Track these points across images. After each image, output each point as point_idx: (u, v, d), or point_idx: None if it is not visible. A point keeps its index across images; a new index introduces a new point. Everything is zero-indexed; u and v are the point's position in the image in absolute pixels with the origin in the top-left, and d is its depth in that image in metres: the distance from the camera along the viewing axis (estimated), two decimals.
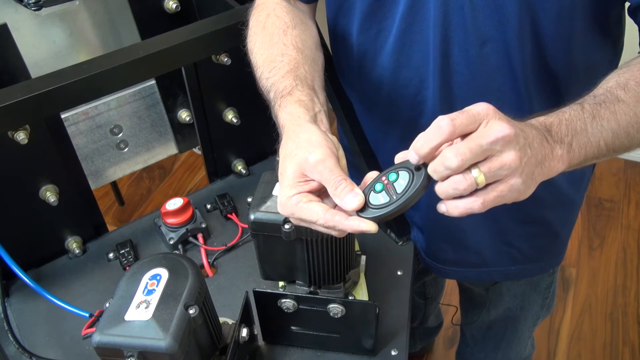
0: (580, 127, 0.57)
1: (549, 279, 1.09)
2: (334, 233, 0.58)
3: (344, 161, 0.60)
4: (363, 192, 0.56)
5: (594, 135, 0.58)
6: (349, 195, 0.55)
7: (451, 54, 0.71)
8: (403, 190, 0.54)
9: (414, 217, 0.98)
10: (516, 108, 0.75)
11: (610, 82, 0.62)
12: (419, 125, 0.82)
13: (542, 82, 0.75)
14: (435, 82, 0.75)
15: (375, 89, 0.83)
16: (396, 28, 0.73)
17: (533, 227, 0.94)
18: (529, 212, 0.91)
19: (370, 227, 0.54)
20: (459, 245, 0.97)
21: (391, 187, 0.55)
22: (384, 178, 0.56)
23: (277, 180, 0.73)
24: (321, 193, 0.58)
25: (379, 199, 0.55)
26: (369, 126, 0.91)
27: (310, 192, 0.57)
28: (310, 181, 0.57)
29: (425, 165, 0.53)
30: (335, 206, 0.57)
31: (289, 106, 0.64)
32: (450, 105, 0.77)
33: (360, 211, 0.55)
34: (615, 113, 0.59)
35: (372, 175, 0.58)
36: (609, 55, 0.78)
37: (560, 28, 0.68)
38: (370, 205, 0.55)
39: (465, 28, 0.69)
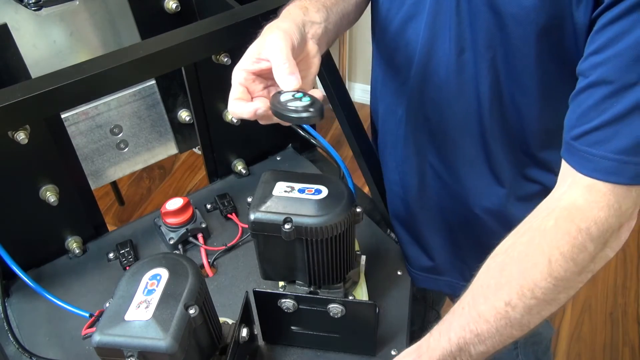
0: None
1: None
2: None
3: (314, 69, 0.65)
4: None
5: None
6: (289, 76, 0.59)
7: (434, 54, 0.71)
8: (296, 108, 0.58)
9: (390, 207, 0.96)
10: (476, 133, 0.75)
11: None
12: (399, 114, 0.82)
13: (503, 118, 0.72)
14: (415, 78, 0.75)
15: (381, 55, 0.84)
16: (403, 12, 0.74)
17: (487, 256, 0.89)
18: (481, 234, 0.85)
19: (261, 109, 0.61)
20: (416, 243, 0.93)
21: (297, 100, 0.59)
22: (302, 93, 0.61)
23: (278, 181, 0.73)
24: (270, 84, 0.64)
25: (290, 100, 0.60)
26: (376, 73, 0.90)
27: (259, 73, 0.63)
28: (263, 61, 0.62)
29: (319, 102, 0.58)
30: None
31: (291, 7, 0.68)
32: (420, 106, 0.77)
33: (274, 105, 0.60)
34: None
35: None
36: None
37: (522, 72, 0.67)
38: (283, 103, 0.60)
39: (449, 32, 0.69)
